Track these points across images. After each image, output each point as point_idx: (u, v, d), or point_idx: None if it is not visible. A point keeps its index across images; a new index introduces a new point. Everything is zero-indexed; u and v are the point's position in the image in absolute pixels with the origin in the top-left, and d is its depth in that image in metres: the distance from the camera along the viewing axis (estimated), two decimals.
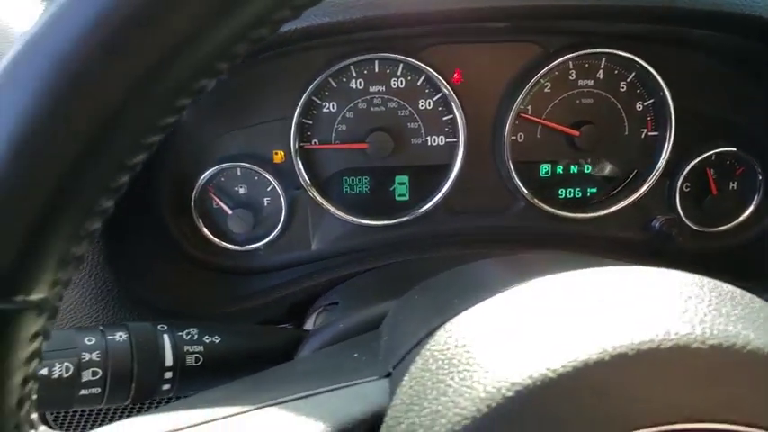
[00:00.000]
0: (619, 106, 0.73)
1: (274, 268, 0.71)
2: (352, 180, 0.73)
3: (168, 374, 0.47)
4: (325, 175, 0.72)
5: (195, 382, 0.48)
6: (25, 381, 0.28)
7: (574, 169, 0.76)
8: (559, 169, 0.75)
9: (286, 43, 0.61)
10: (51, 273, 0.26)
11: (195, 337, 0.48)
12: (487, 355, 0.29)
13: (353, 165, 0.72)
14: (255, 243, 0.71)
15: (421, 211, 0.72)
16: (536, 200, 0.73)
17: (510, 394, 0.27)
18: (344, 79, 0.69)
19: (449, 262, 0.46)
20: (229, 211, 0.69)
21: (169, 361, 0.47)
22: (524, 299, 0.33)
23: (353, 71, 0.69)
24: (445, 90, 0.68)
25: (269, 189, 0.70)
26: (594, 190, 0.76)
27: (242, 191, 0.70)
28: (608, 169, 0.76)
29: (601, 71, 0.72)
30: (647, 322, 0.28)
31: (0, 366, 0.26)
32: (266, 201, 0.71)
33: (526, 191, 0.72)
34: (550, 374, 0.26)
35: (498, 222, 0.74)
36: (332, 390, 0.34)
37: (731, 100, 0.73)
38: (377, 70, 0.69)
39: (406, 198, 0.74)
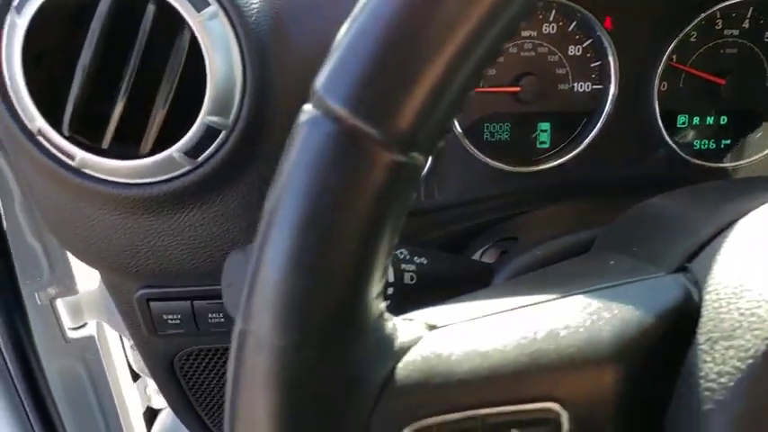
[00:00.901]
0: (762, 56, 0.73)
1: (431, 210, 0.72)
2: (494, 126, 0.74)
3: (390, 290, 0.48)
4: (468, 122, 0.73)
5: (409, 301, 0.49)
6: (389, 252, 0.29)
7: (710, 120, 0.76)
8: (696, 120, 0.76)
9: None
10: (434, 139, 0.28)
11: (408, 257, 0.50)
12: None
13: (498, 110, 0.73)
14: None
15: (565, 158, 0.73)
16: (678, 149, 0.73)
17: None
18: None
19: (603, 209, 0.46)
20: None
21: (391, 277, 0.48)
22: None
23: None
24: (601, 36, 0.69)
25: None
26: (728, 141, 0.77)
27: None
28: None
29: (747, 20, 0.72)
30: None
31: (388, 226, 0.27)
32: None
33: (670, 140, 0.73)
34: None
35: (637, 170, 0.75)
36: (624, 283, 0.35)
37: None
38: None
39: (547, 145, 0.75)
